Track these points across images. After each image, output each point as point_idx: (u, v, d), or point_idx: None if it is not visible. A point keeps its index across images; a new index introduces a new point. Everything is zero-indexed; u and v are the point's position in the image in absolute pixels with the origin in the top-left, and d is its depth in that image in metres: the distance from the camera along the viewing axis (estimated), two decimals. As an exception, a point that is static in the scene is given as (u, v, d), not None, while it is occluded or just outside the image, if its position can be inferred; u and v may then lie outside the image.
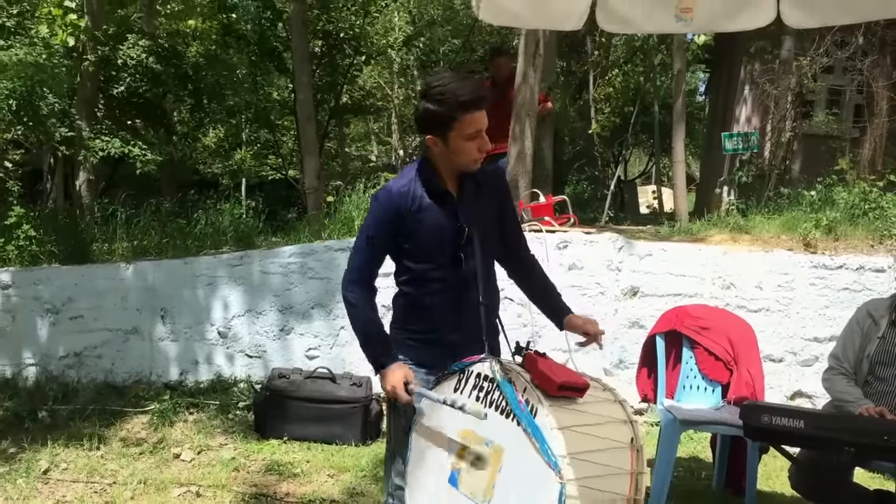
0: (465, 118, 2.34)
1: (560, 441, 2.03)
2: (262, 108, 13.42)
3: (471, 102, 2.33)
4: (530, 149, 6.70)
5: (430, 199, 2.43)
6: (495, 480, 2.13)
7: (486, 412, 2.16)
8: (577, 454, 2.04)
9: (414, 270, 2.50)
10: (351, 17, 12.40)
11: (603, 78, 14.00)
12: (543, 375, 2.12)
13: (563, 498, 1.97)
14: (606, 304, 5.43)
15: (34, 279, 5.71)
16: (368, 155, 20.51)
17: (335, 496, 3.99)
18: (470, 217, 2.46)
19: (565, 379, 2.12)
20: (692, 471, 4.54)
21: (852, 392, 3.40)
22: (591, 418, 2.15)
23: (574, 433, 2.08)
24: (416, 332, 2.55)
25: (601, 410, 2.19)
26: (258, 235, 6.75)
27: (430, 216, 2.43)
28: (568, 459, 2.01)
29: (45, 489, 4.02)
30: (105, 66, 10.27)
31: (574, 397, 2.14)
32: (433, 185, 2.44)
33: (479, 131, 2.37)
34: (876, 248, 5.65)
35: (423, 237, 2.44)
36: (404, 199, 2.42)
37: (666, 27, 3.12)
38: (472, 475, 2.20)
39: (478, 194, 2.51)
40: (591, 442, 2.10)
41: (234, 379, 5.57)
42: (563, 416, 2.09)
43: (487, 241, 2.51)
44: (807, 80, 8.77)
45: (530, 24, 4.85)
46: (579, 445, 2.06)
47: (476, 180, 2.51)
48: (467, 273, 2.46)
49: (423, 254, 2.47)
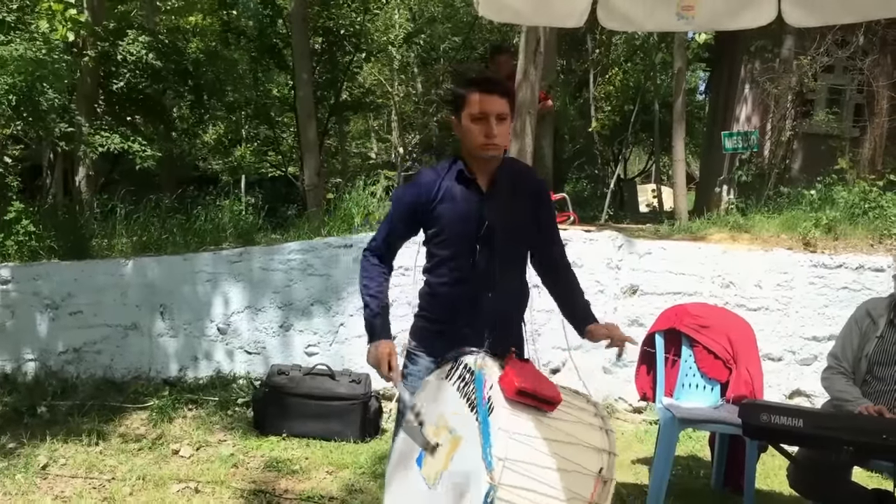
0: (472, 96, 2.43)
1: (505, 444, 1.98)
2: (262, 105, 13.42)
3: (478, 81, 2.47)
4: (530, 146, 6.70)
5: (459, 189, 2.51)
6: (446, 468, 2.13)
7: (435, 445, 2.17)
8: (526, 464, 1.99)
9: (436, 257, 2.59)
10: (351, 14, 12.38)
11: (603, 76, 14.00)
12: (507, 377, 2.11)
13: (490, 500, 1.92)
14: (606, 303, 5.43)
15: (34, 274, 5.71)
16: (368, 152, 20.49)
17: (334, 493, 3.99)
18: (495, 212, 2.50)
19: (528, 386, 2.08)
20: (691, 469, 4.55)
21: (851, 391, 3.40)
22: (557, 434, 2.08)
23: (530, 444, 2.02)
24: (433, 322, 2.62)
25: (575, 431, 2.13)
26: (258, 232, 6.75)
27: (455, 205, 2.51)
28: (509, 465, 1.96)
29: (44, 485, 4.02)
30: (105, 61, 10.25)
31: (540, 408, 2.10)
32: (462, 176, 2.52)
33: (484, 114, 2.43)
34: (875, 247, 5.66)
35: (446, 224, 2.52)
36: (427, 189, 2.52)
37: (667, 25, 3.12)
38: (433, 459, 2.21)
39: (510, 192, 2.55)
40: (549, 459, 2.03)
41: (233, 375, 5.58)
42: (523, 422, 2.05)
43: (511, 238, 2.55)
44: (807, 80, 8.77)
45: (531, 20, 4.85)
46: (532, 457, 2.01)
47: (512, 179, 2.56)
48: (484, 266, 2.50)
49: (445, 241, 2.55)
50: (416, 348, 2.61)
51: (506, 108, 2.46)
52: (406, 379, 2.59)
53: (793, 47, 8.83)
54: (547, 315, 4.96)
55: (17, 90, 7.15)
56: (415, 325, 2.68)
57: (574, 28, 3.68)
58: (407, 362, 2.67)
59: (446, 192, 2.51)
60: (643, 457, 4.65)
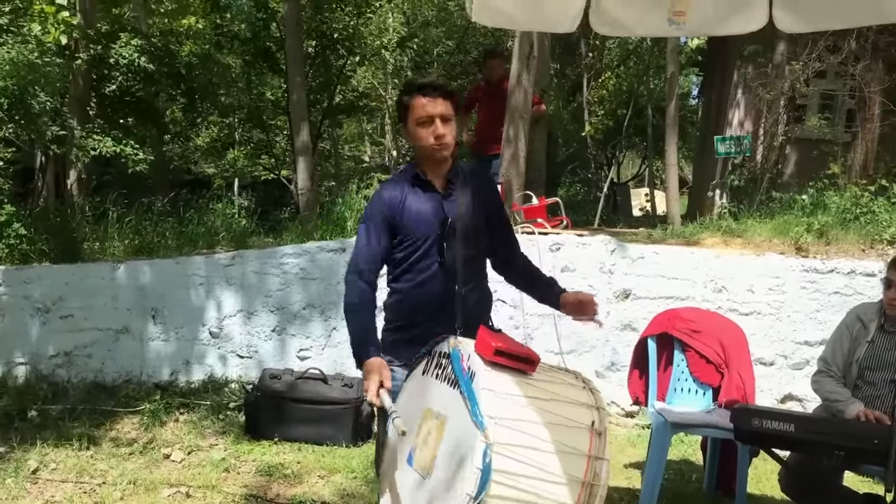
0: (415, 101, 2.53)
1: (493, 403, 1.98)
2: (256, 108, 13.38)
3: (419, 86, 2.55)
4: (524, 151, 6.70)
5: (417, 192, 2.61)
6: (437, 453, 2.12)
7: (405, 430, 2.16)
8: (517, 421, 1.98)
9: (402, 263, 2.62)
10: (345, 18, 12.38)
11: (596, 80, 14.03)
12: (482, 341, 2.13)
13: (488, 459, 1.91)
14: (598, 307, 5.43)
15: (25, 278, 5.68)
16: (361, 156, 20.49)
17: (326, 497, 3.98)
18: (454, 210, 2.58)
19: (504, 346, 2.10)
20: (683, 473, 4.55)
21: (841, 392, 3.41)
22: (544, 393, 2.10)
23: (518, 402, 2.03)
24: (403, 329, 2.64)
25: (561, 390, 2.16)
26: (251, 236, 6.73)
27: (416, 207, 2.59)
28: (500, 422, 1.95)
29: (35, 489, 4.00)
30: (97, 64, 10.23)
31: (521, 369, 2.13)
32: (417, 180, 2.61)
33: (429, 117, 2.53)
34: (867, 252, 5.68)
35: (409, 227, 2.59)
36: (392, 202, 2.60)
37: (659, 30, 3.12)
38: (423, 451, 2.21)
39: (464, 192, 2.62)
40: (539, 415, 2.05)
41: (225, 379, 5.56)
42: (507, 383, 2.06)
43: (471, 235, 2.61)
44: (799, 85, 8.79)
45: (524, 26, 4.86)
46: (522, 414, 2.01)
47: (464, 179, 2.65)
48: (450, 263, 2.56)
49: (410, 245, 2.60)
50: (390, 363, 2.55)
51: (449, 109, 2.55)
52: None
53: (785, 52, 8.86)
54: (540, 319, 4.97)
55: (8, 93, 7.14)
56: (384, 340, 2.65)
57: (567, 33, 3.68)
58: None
59: (406, 199, 2.60)
60: (635, 461, 4.65)
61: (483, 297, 2.73)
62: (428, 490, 2.12)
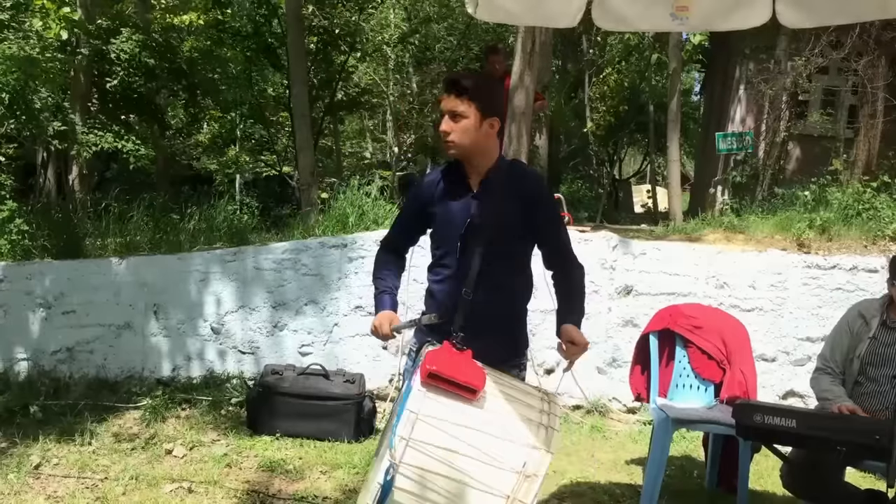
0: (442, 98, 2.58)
1: (410, 424, 1.99)
2: (257, 104, 13.39)
3: (445, 82, 2.60)
4: (526, 148, 6.70)
5: (452, 189, 2.62)
6: (375, 458, 2.20)
7: (436, 318, 2.34)
8: (431, 445, 1.97)
9: (433, 257, 2.69)
10: (346, 14, 12.37)
11: (598, 77, 14.02)
12: (424, 362, 2.14)
13: (389, 476, 1.93)
14: (600, 303, 5.44)
15: (26, 274, 5.68)
16: (363, 152, 20.48)
17: (327, 493, 3.98)
18: (481, 211, 2.55)
19: (439, 370, 2.09)
20: (684, 470, 4.55)
21: (833, 390, 3.42)
22: (476, 423, 2.04)
23: (438, 426, 2.00)
24: None
25: (500, 422, 2.08)
26: (252, 232, 6.73)
27: (448, 204, 2.61)
28: (412, 444, 1.95)
29: (37, 484, 4.00)
30: (99, 60, 10.23)
31: (460, 395, 2.09)
32: (455, 175, 2.63)
33: (441, 112, 2.58)
34: (869, 248, 5.67)
35: (439, 223, 2.64)
36: (429, 188, 2.67)
37: (662, 25, 3.11)
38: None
39: (500, 193, 2.56)
40: (459, 445, 2.00)
41: (226, 375, 5.56)
42: (435, 406, 2.04)
43: (497, 238, 2.54)
44: (802, 81, 8.79)
45: (524, 21, 4.85)
46: (440, 441, 1.99)
47: (505, 181, 2.58)
48: (466, 264, 2.54)
49: (438, 239, 2.66)
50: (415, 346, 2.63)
51: (460, 106, 2.49)
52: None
53: (787, 48, 8.84)
54: (542, 315, 4.96)
55: (10, 88, 7.14)
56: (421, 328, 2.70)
57: (568, 28, 3.67)
58: (409, 362, 2.71)
59: (442, 192, 2.62)
60: (637, 457, 4.65)
61: (504, 297, 2.64)
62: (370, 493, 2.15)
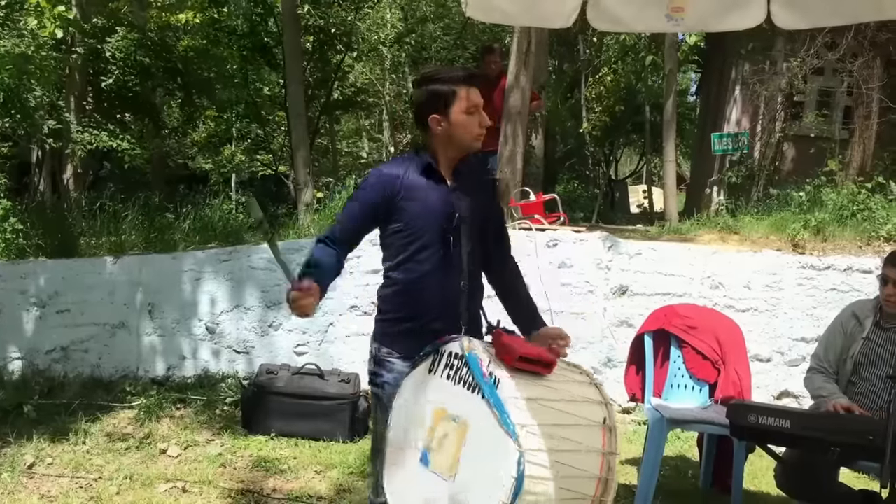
0: (464, 91, 2.47)
1: (521, 411, 2.03)
2: (253, 104, 13.38)
3: (468, 77, 2.51)
4: (521, 147, 6.70)
5: (424, 181, 2.51)
6: (460, 455, 2.14)
7: (261, 217, 2.34)
8: (542, 426, 2.04)
9: (404, 252, 2.53)
10: (343, 13, 12.37)
11: (594, 77, 14.04)
12: (505, 347, 2.14)
13: (522, 467, 1.97)
14: (595, 303, 5.44)
15: (21, 273, 5.67)
16: (359, 151, 20.49)
17: (322, 493, 3.98)
18: (463, 204, 2.52)
19: (526, 352, 2.13)
20: (679, 470, 4.55)
21: (828, 388, 3.42)
22: (559, 394, 2.15)
23: (540, 406, 2.08)
24: (402, 321, 2.55)
25: (572, 389, 2.20)
26: (247, 231, 6.72)
27: (423, 197, 2.49)
28: (529, 429, 2.01)
29: (31, 484, 3.99)
30: (94, 58, 10.21)
31: (540, 372, 2.15)
32: (430, 169, 2.52)
33: (476, 106, 2.50)
34: (864, 249, 5.68)
35: (414, 217, 2.49)
36: (393, 180, 2.49)
37: (657, 26, 3.12)
38: (440, 453, 2.21)
39: (471, 186, 2.57)
40: (559, 416, 2.11)
41: (221, 374, 5.55)
42: (528, 388, 2.09)
43: (477, 231, 2.56)
44: (797, 82, 8.81)
45: (519, 21, 4.84)
46: (545, 418, 2.06)
47: (470, 173, 2.60)
48: (454, 258, 2.50)
49: (413, 234, 2.51)
50: (389, 354, 2.52)
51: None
52: (383, 388, 2.52)
53: (783, 49, 8.87)
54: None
55: (4, 87, 7.12)
56: (379, 331, 2.59)
57: (564, 28, 3.68)
58: (380, 371, 2.56)
59: (410, 186, 2.50)
60: (632, 457, 4.65)
61: (480, 293, 2.68)
62: (450, 492, 2.15)
